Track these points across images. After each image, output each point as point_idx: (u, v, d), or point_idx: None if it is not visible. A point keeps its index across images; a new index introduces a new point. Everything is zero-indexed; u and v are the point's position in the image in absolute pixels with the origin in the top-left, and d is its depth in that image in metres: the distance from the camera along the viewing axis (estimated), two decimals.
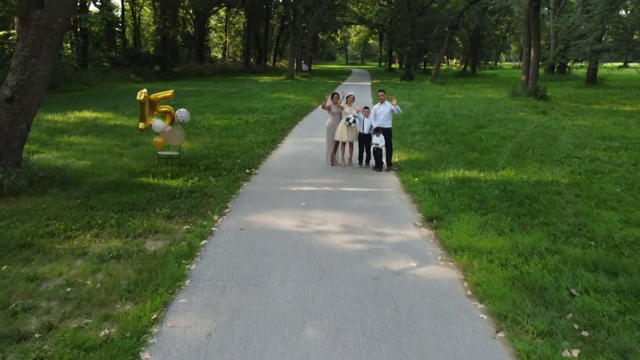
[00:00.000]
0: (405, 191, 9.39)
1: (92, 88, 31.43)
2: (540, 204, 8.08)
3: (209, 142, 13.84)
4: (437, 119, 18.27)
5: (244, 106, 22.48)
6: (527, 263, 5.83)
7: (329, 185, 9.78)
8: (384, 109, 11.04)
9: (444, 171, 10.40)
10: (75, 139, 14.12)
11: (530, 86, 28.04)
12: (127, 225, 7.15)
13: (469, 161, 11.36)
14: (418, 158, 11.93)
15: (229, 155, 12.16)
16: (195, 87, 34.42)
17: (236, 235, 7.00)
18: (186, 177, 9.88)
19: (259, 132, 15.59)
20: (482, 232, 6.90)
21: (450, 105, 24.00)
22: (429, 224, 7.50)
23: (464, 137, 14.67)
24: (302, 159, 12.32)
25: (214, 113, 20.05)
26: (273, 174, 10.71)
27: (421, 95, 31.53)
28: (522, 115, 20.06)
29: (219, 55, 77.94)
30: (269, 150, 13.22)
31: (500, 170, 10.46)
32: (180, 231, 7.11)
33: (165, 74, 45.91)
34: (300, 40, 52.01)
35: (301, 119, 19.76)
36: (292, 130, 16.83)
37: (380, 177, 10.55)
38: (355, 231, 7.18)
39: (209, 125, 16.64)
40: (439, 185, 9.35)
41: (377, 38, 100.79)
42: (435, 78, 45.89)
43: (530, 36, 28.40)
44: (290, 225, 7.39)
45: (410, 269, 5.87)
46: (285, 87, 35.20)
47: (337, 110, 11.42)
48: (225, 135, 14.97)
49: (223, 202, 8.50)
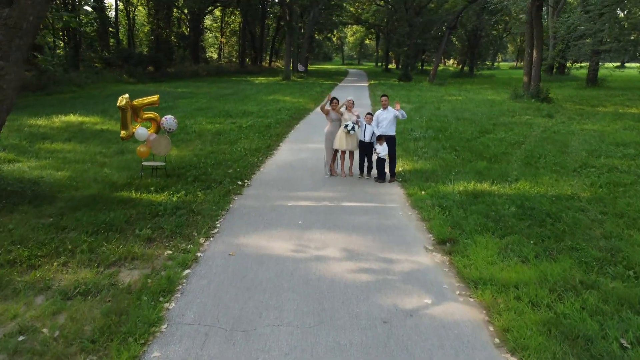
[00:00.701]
0: (411, 206, 8.57)
1: (82, 90, 30.50)
2: (564, 223, 7.26)
3: (200, 149, 12.99)
4: (439, 123, 17.46)
5: (238, 109, 21.63)
6: (562, 301, 5.01)
7: (328, 199, 8.95)
8: (387, 114, 10.22)
9: (452, 183, 9.58)
10: (57, 146, 13.24)
11: (532, 88, 27.29)
12: (100, 251, 6.30)
13: (478, 171, 10.55)
14: (423, 167, 11.11)
15: (220, 165, 11.32)
16: (189, 88, 33.56)
17: (224, 262, 6.16)
18: (172, 190, 9.02)
19: (253, 138, 14.74)
20: (503, 259, 6.08)
21: (451, 107, 23.21)
22: (442, 248, 6.68)
23: (470, 143, 13.86)
24: (299, 167, 11.49)
25: (206, 117, 19.20)
26: (267, 185, 9.87)
27: (420, 96, 30.75)
28: (527, 118, 19.29)
29: (215, 55, 77.04)
30: (264, 158, 12.38)
31: (513, 182, 9.65)
32: (160, 258, 6.27)
33: (159, 74, 45.01)
34: (296, 40, 51.16)
35: (297, 123, 18.92)
36: (287, 135, 15.99)
37: (383, 189, 9.73)
38: (358, 257, 6.35)
39: (200, 131, 15.79)
40: (449, 199, 8.53)
41: (373, 38, 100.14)
42: (433, 79, 45.17)
43: (532, 36, 27.64)
44: (285, 250, 6.56)
45: (425, 308, 5.05)
46: (281, 89, 34.36)
47: (336, 117, 10.60)
48: (217, 141, 14.12)
49: (211, 220, 7.66)
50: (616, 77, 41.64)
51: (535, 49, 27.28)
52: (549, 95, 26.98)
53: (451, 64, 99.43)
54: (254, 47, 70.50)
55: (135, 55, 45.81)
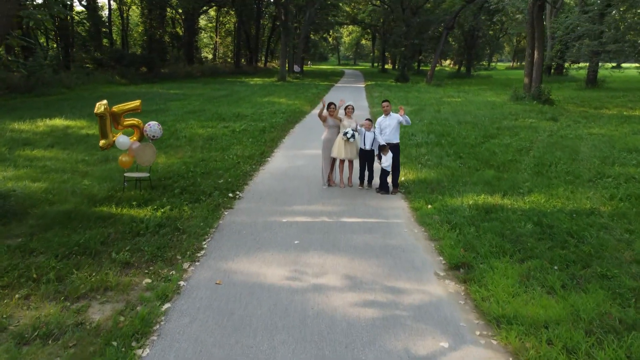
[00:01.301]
0: (418, 223, 7.84)
1: (72, 91, 29.66)
2: (589, 245, 6.56)
3: (189, 156, 12.23)
4: (441, 127, 16.76)
5: (232, 112, 20.88)
6: (602, 347, 4.30)
7: (327, 214, 8.22)
8: (391, 121, 9.49)
9: (461, 195, 8.87)
10: (38, 153, 12.47)
11: (534, 89, 26.65)
12: (69, 281, 5.55)
13: (487, 181, 9.84)
14: (427, 177, 10.39)
15: (211, 174, 10.57)
16: (182, 89, 32.78)
17: (210, 293, 5.43)
18: (156, 204, 8.27)
19: (247, 144, 14.00)
20: (526, 289, 5.37)
21: (451, 110, 22.53)
22: (455, 274, 5.96)
23: (475, 149, 13.16)
24: (295, 176, 10.76)
25: (198, 120, 18.45)
26: (260, 198, 9.13)
27: (419, 98, 30.09)
28: (531, 122, 18.62)
29: (210, 55, 76.19)
30: (257, 166, 11.64)
31: (526, 194, 8.95)
32: (137, 288, 5.53)
33: (152, 75, 44.20)
34: (291, 40, 50.42)
35: (293, 127, 18.19)
36: (283, 141, 15.26)
37: (386, 202, 9.00)
38: (362, 286, 5.62)
39: (191, 136, 15.02)
40: (458, 215, 7.82)
41: (369, 38, 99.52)
42: (430, 80, 44.55)
43: (533, 37, 26.98)
44: (280, 277, 5.83)
45: (442, 354, 4.34)
46: (277, 90, 33.62)
47: (334, 123, 9.87)
48: (208, 147, 13.36)
49: (197, 240, 6.92)
50: (615, 78, 41.06)
51: (536, 50, 26.63)
52: (550, 97, 26.38)
53: (448, 65, 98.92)
54: (249, 47, 69.74)
55: (127, 55, 44.96)
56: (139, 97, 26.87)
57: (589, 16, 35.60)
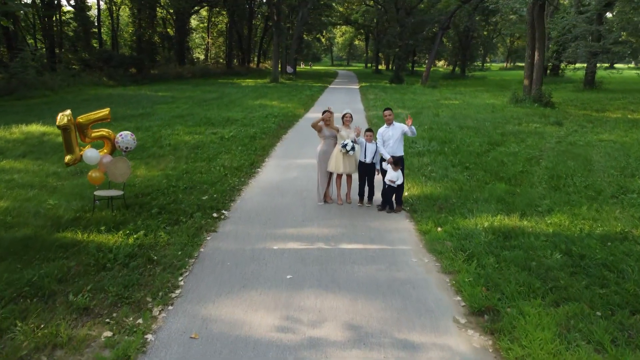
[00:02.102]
0: (427, 250, 6.87)
1: (56, 94, 28.49)
2: (632, 281, 5.60)
3: (172, 167, 11.21)
4: (442, 133, 15.82)
5: (222, 116, 19.86)
6: None
7: (324, 239, 7.23)
8: (394, 132, 8.52)
9: (474, 216, 7.91)
10: (7, 164, 11.42)
11: (534, 92, 25.79)
12: (9, 337, 4.54)
13: (499, 197, 8.89)
14: (433, 192, 9.42)
15: (195, 189, 9.57)
16: (171, 91, 31.69)
17: (182, 352, 4.43)
18: (129, 228, 7.26)
19: (235, 152, 13.00)
20: (569, 346, 4.41)
21: (451, 114, 21.60)
22: (478, 321, 4.99)
23: (481, 158, 12.23)
24: (287, 191, 9.77)
25: (185, 125, 17.42)
26: (248, 218, 8.14)
27: (415, 100, 29.18)
28: (535, 127, 17.72)
29: (202, 56, 75.01)
30: (246, 179, 10.64)
31: (546, 214, 8.00)
32: (94, 345, 4.52)
33: (141, 77, 43.02)
34: (284, 41, 49.41)
35: (285, 133, 17.20)
36: (274, 148, 14.26)
37: (389, 222, 8.03)
38: (368, 340, 4.64)
39: (176, 143, 13.99)
40: (474, 240, 6.86)
41: (363, 39, 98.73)
42: (426, 81, 43.70)
43: (534, 37, 26.12)
44: (268, 328, 4.83)
45: None
46: (269, 92, 32.59)
47: (331, 133, 8.89)
48: (193, 157, 12.34)
49: (173, 275, 5.91)
50: (612, 79, 40.35)
51: (536, 51, 25.75)
52: (551, 99, 25.54)
53: (442, 65, 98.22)
54: (241, 48, 68.67)
55: (116, 56, 43.73)
56: (126, 100, 25.83)
57: (586, 16, 34.88)
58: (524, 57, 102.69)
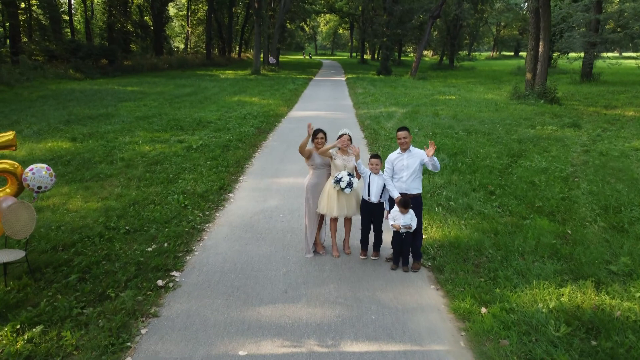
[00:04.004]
0: (474, 355, 4.54)
1: (10, 90, 25.50)
2: None
3: (118, 195, 8.74)
4: (449, 141, 13.52)
5: (193, 117, 17.35)
6: None
7: (316, 329, 4.87)
8: (410, 161, 6.13)
9: (527, 282, 5.60)
10: None
11: (538, 86, 23.60)
12: None
13: (550, 246, 6.60)
14: (459, 236, 7.09)
15: (140, 232, 7.14)
16: (142, 86, 28.97)
17: None
18: (25, 316, 4.82)
19: (203, 169, 10.56)
20: None
21: (451, 113, 19.30)
22: None
23: (505, 178, 9.95)
24: (265, 232, 7.39)
25: (149, 130, 14.89)
26: (208, 285, 5.73)
27: (407, 95, 26.89)
28: (551, 130, 15.52)
29: (182, 45, 71.72)
30: (212, 212, 8.22)
31: (627, 278, 5.73)
32: None
33: (112, 69, 39.96)
34: (265, 30, 46.60)
35: (265, 138, 14.75)
36: (251, 161, 11.84)
37: (408, 292, 5.67)
38: None
39: (131, 157, 11.48)
40: (542, 337, 4.56)
41: (347, 28, 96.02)
42: (415, 72, 41.40)
43: (538, 27, 23.89)
44: None
45: None
46: (249, 86, 30.01)
47: (322, 161, 6.49)
48: (149, 178, 9.87)
49: None
50: (610, 71, 38.49)
51: (541, 42, 23.54)
52: (557, 95, 23.37)
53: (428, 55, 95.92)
54: (222, 37, 65.63)
55: (84, 46, 40.50)
56: (88, 97, 23.02)
57: (584, 5, 32.82)
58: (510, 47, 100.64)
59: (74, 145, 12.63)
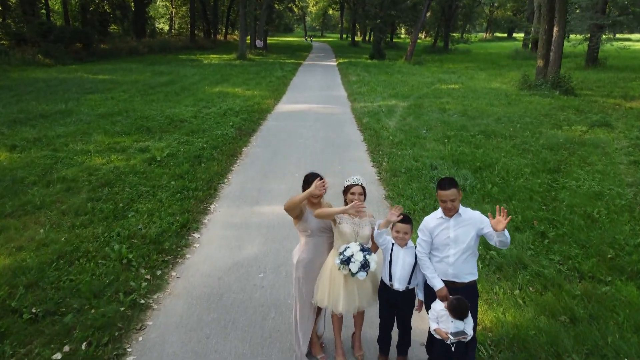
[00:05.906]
0: None
1: None
2: None
3: (39, 244, 6.40)
4: (467, 147, 11.28)
5: (165, 115, 14.95)
6: None
7: None
8: (460, 231, 3.84)
9: None
10: None
11: (552, 75, 21.33)
12: None
13: None
14: (520, 322, 4.83)
15: (52, 317, 4.85)
16: (115, 73, 26.35)
17: None
18: None
19: (163, 196, 8.23)
20: None
21: (460, 108, 17.02)
22: None
23: (553, 209, 7.74)
24: (235, 310, 5.13)
25: (109, 133, 12.51)
26: None
27: (405, 83, 24.61)
28: (581, 131, 13.34)
29: (167, 27, 68.39)
30: (165, 272, 5.91)
31: None
32: None
33: (87, 54, 37.04)
34: (252, 11, 43.79)
35: (247, 143, 12.44)
36: (227, 179, 9.53)
37: None
38: None
39: (75, 176, 9.10)
40: None
41: (337, 8, 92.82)
42: (410, 57, 38.95)
43: (552, 8, 21.56)
44: None
45: None
46: (233, 73, 27.48)
47: (321, 225, 4.19)
48: (89, 212, 7.52)
49: None
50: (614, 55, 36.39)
51: (555, 25, 21.21)
52: (571, 85, 21.13)
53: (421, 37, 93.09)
54: (206, 18, 62.42)
55: (55, 29, 37.44)
56: (51, 88, 20.25)
57: None
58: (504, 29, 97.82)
59: (10, 157, 10.23)
